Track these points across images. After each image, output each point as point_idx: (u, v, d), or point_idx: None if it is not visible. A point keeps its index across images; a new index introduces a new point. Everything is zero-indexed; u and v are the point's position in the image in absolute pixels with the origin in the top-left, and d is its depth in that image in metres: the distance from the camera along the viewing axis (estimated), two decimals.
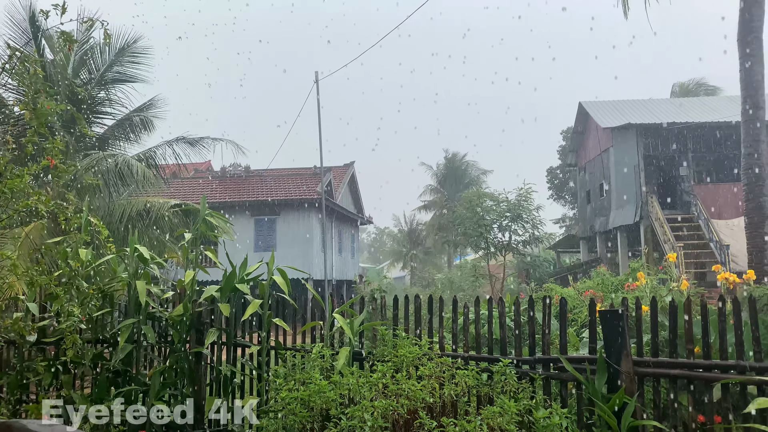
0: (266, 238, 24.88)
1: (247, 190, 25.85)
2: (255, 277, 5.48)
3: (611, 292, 10.62)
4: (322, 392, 4.03)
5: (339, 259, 29.49)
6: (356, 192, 34.89)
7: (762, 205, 12.81)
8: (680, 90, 37.62)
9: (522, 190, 26.51)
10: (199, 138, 17.92)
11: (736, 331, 4.09)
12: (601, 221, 27.62)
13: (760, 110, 13.33)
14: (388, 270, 56.86)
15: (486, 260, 28.42)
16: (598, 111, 27.98)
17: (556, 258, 36.59)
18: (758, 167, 13.05)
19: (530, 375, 4.56)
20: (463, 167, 51.01)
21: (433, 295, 5.50)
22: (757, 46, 13.68)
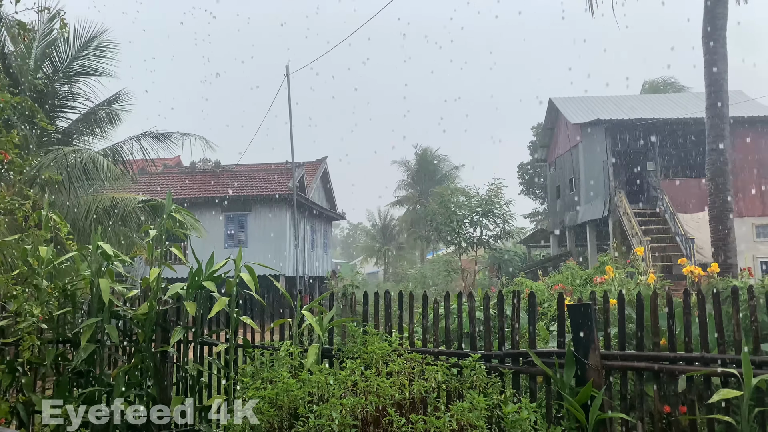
0: (237, 234, 24.59)
1: (217, 185, 25.50)
2: (221, 274, 5.37)
3: (580, 286, 10.74)
4: (290, 390, 3.97)
5: (312, 254, 29.33)
6: (329, 188, 34.73)
7: (725, 199, 13.09)
8: (650, 87, 38.32)
9: (492, 185, 26.74)
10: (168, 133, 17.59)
11: (700, 323, 4.15)
12: (571, 216, 27.99)
13: (724, 106, 13.61)
14: (361, 265, 56.81)
15: (458, 255, 28.59)
16: (568, 107, 28.32)
17: (527, 252, 37.00)
18: (722, 162, 13.33)
19: (500, 369, 4.57)
20: (436, 162, 51.20)
21: (406, 290, 5.50)
22: (721, 44, 13.96)
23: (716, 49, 13.80)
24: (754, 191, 23.49)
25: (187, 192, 24.88)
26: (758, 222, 23.32)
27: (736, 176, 22.37)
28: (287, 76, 21.21)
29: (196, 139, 17.75)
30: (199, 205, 24.07)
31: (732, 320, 4.12)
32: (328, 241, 34.17)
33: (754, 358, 3.91)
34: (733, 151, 20.84)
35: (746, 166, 23.45)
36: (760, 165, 23.62)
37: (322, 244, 32.05)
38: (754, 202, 23.44)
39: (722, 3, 13.94)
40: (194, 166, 27.43)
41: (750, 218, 23.17)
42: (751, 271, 10.75)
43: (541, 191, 43.48)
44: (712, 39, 13.90)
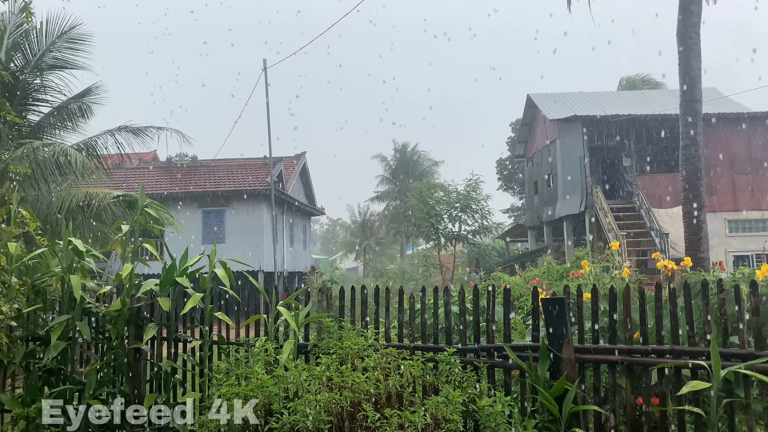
0: (215, 230, 24.36)
1: (194, 180, 25.22)
2: (196, 270, 5.31)
3: (556, 280, 10.85)
4: (264, 387, 3.94)
5: (291, 250, 29.18)
6: (308, 183, 34.57)
7: (699, 194, 13.32)
8: (627, 84, 38.78)
9: (471, 181, 26.86)
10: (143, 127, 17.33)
11: (671, 317, 4.21)
12: (548, 211, 28.25)
13: (697, 103, 13.84)
14: (341, 261, 56.74)
15: (437, 250, 28.69)
16: (546, 103, 28.54)
17: (505, 247, 37.27)
18: (695, 158, 13.56)
19: (475, 363, 4.59)
20: (415, 158, 51.30)
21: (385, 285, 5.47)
22: (695, 41, 14.18)
23: (690, 47, 14.02)
24: (727, 187, 23.94)
25: (164, 187, 24.57)
26: (730, 217, 23.78)
27: (710, 172, 22.76)
28: (264, 70, 21.06)
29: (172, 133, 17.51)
30: (176, 201, 23.79)
31: (702, 313, 4.18)
32: (307, 236, 34.04)
33: (722, 350, 3.97)
34: (707, 148, 21.21)
35: (719, 162, 23.88)
36: (733, 161, 24.08)
37: (301, 240, 31.92)
38: (726, 198, 23.89)
39: (696, 2, 14.15)
40: (171, 161, 27.09)
41: (722, 213, 23.61)
42: (723, 265, 10.96)
43: (519, 187, 43.82)
44: (687, 37, 14.12)
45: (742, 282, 5.11)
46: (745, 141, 24.14)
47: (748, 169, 24.03)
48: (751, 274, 8.60)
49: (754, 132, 24.19)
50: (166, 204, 18.43)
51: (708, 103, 22.31)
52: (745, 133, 24.19)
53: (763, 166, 24.01)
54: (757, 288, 4.06)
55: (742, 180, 24.00)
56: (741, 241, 23.51)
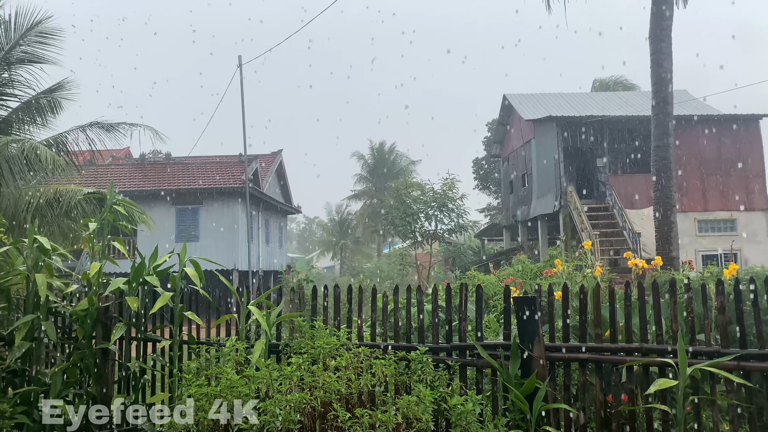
0: (189, 228, 24.06)
1: (168, 178, 24.87)
2: (166, 269, 5.23)
3: (530, 279, 10.95)
4: (234, 387, 3.89)
5: (266, 249, 28.97)
6: (284, 181, 34.35)
7: (669, 194, 13.54)
8: (600, 85, 39.26)
9: (447, 180, 26.99)
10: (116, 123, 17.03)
11: (640, 315, 4.26)
12: (523, 210, 28.50)
13: (669, 105, 14.07)
14: (317, 260, 56.58)
15: (414, 249, 28.77)
16: (522, 103, 28.79)
17: (480, 246, 37.51)
18: (666, 159, 13.78)
19: (447, 362, 4.59)
20: (392, 157, 51.37)
21: (361, 284, 5.47)
22: (667, 44, 14.40)
23: (662, 50, 14.24)
24: (697, 188, 24.42)
25: (137, 184, 24.20)
26: (700, 217, 24.26)
27: (680, 173, 23.20)
28: (240, 66, 20.86)
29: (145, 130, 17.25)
30: (149, 198, 23.44)
31: (670, 312, 4.24)
32: (283, 235, 33.84)
33: (689, 348, 4.03)
34: (678, 149, 21.60)
35: (690, 163, 24.35)
36: (703, 162, 24.56)
37: (277, 238, 31.71)
38: (696, 198, 24.36)
39: (668, 5, 14.39)
40: (144, 158, 26.68)
41: (693, 213, 24.08)
42: (692, 264, 11.16)
43: (495, 186, 44.11)
44: (659, 40, 14.34)
45: (710, 281, 5.20)
46: (715, 143, 24.64)
47: (717, 171, 24.54)
48: (719, 273, 8.79)
49: (723, 134, 24.71)
50: (139, 202, 18.13)
51: (679, 105, 22.73)
52: (715, 135, 24.69)
53: (732, 168, 24.55)
54: (723, 287, 4.13)
55: (711, 181, 24.51)
56: (710, 241, 24.01)
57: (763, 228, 24.44)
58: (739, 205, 24.36)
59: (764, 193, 24.91)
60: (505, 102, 30.49)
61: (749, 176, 24.61)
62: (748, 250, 23.56)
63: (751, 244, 23.82)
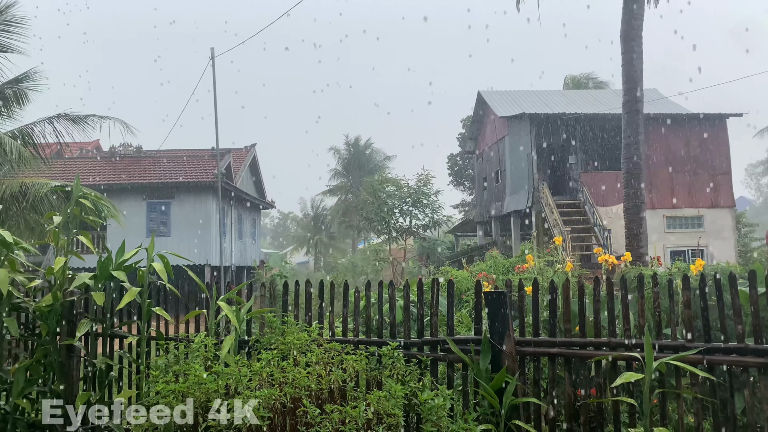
0: (160, 222, 23.69)
1: (139, 171, 24.43)
2: (133, 264, 5.12)
3: (502, 274, 11.03)
4: (202, 384, 3.83)
5: (239, 244, 28.69)
6: (258, 175, 34.04)
7: (639, 191, 13.76)
8: (572, 82, 39.70)
9: (422, 176, 27.06)
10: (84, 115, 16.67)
11: (608, 310, 4.31)
12: (497, 206, 28.73)
13: (639, 103, 14.28)
14: (291, 255, 56.29)
15: (388, 244, 28.80)
16: (496, 100, 28.96)
17: (455, 241, 37.72)
18: (636, 156, 14.00)
19: (418, 357, 4.59)
20: (368, 152, 51.31)
21: (335, 279, 5.45)
22: (638, 43, 14.61)
23: (633, 49, 14.44)
24: (666, 185, 24.88)
25: (107, 178, 23.73)
26: (669, 214, 24.73)
27: (650, 170, 23.61)
28: (212, 58, 20.59)
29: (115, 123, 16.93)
30: (120, 192, 23.02)
31: (637, 306, 4.30)
32: (256, 230, 33.55)
33: (655, 342, 4.10)
34: (648, 147, 21.98)
35: (659, 161, 24.79)
36: (672, 160, 25.03)
37: (250, 234, 31.43)
38: (665, 195, 24.83)
39: (639, 4, 14.59)
40: (114, 151, 26.17)
41: (662, 210, 24.54)
42: (660, 260, 11.38)
43: (469, 182, 44.36)
44: (630, 39, 14.53)
45: (677, 277, 5.29)
46: (684, 141, 25.13)
47: (685, 168, 25.03)
48: (686, 269, 8.97)
49: (692, 132, 25.21)
50: (108, 195, 17.79)
51: (650, 104, 23.11)
52: (684, 133, 25.18)
53: (700, 166, 25.07)
54: (688, 282, 4.21)
55: (680, 178, 24.99)
56: (678, 237, 24.50)
57: (728, 225, 25.03)
58: (706, 203, 24.91)
59: (730, 191, 25.52)
60: (479, 99, 30.65)
61: (716, 174, 25.17)
62: (715, 246, 24.11)
63: (718, 241, 24.38)
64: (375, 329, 4.99)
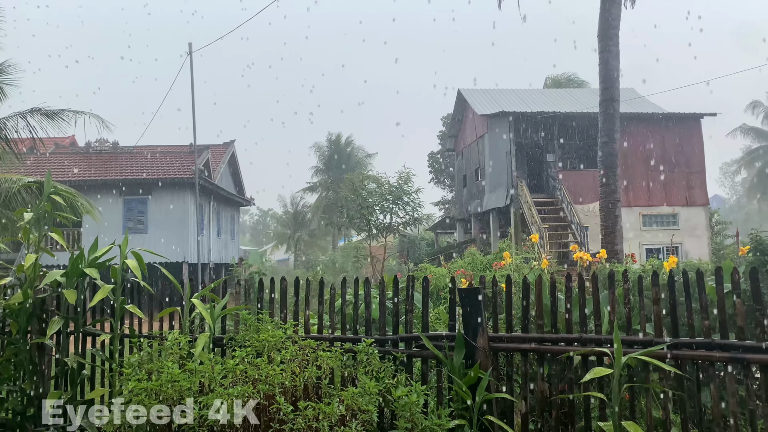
0: (137, 219, 23.40)
1: (115, 167, 24.10)
2: (106, 261, 5.06)
3: (480, 271, 11.11)
4: (175, 381, 3.81)
5: (218, 241, 28.48)
6: (237, 172, 33.79)
7: (615, 189, 13.94)
8: (552, 82, 40.02)
9: (403, 173, 27.10)
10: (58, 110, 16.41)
11: (580, 306, 4.38)
12: (476, 204, 28.89)
13: (615, 102, 14.45)
14: (271, 252, 56.00)
15: (368, 242, 28.80)
16: (476, 98, 29.10)
17: (434, 239, 37.86)
18: (612, 155, 14.17)
19: (393, 354, 4.61)
20: (349, 150, 51.24)
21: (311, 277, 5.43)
22: (614, 43, 14.78)
23: (610, 48, 14.61)
24: (642, 183, 25.25)
25: (82, 174, 23.37)
26: (645, 212, 25.11)
27: (627, 169, 23.94)
28: (190, 53, 20.36)
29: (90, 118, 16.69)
30: (95, 188, 22.69)
31: (608, 302, 4.37)
32: (235, 227, 33.33)
33: (625, 337, 4.17)
34: (624, 145, 22.28)
35: (636, 160, 25.14)
36: (648, 158, 25.40)
37: (229, 231, 31.21)
38: (641, 193, 25.20)
39: (616, 5, 14.76)
40: (90, 147, 25.77)
41: (638, 208, 24.91)
42: (635, 257, 11.55)
43: (449, 180, 44.54)
44: (607, 38, 14.70)
45: (648, 273, 5.38)
46: (660, 140, 25.52)
47: (661, 167, 25.43)
48: (660, 265, 9.13)
49: (668, 131, 25.61)
50: (84, 192, 17.53)
51: (626, 103, 23.41)
52: (660, 132, 25.57)
53: (675, 164, 25.48)
54: (658, 279, 4.28)
55: (656, 177, 25.38)
56: (654, 235, 24.90)
57: (702, 222, 25.49)
58: (681, 201, 25.35)
59: (704, 189, 25.99)
60: (459, 97, 30.77)
61: (691, 173, 25.61)
62: (689, 243, 24.55)
63: (692, 238, 24.83)
64: (351, 326, 5.01)
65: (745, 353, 3.88)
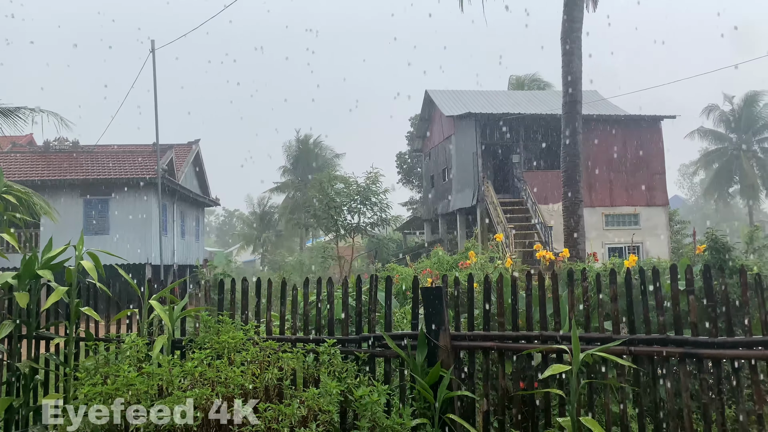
0: (98, 220, 22.85)
1: (75, 167, 23.48)
2: (61, 262, 4.92)
3: (446, 271, 11.17)
4: (131, 385, 3.72)
5: (182, 243, 28.01)
6: (202, 172, 33.29)
7: (577, 190, 14.18)
8: (516, 82, 40.53)
9: (371, 174, 27.10)
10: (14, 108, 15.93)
11: (540, 304, 4.43)
12: (443, 204, 29.07)
13: (578, 104, 14.70)
14: (237, 254, 55.31)
15: (336, 242, 28.70)
16: (443, 100, 29.29)
17: (403, 239, 37.95)
18: (575, 156, 14.41)
19: (355, 354, 4.60)
20: (316, 150, 51.00)
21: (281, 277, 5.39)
22: (577, 45, 15.03)
23: (573, 51, 14.85)
24: (605, 184, 25.76)
25: (40, 173, 22.71)
26: (607, 212, 25.63)
27: (590, 170, 24.39)
28: (152, 51, 19.98)
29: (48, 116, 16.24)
30: (54, 188, 22.08)
31: (567, 300, 4.43)
32: (200, 228, 32.84)
33: (584, 334, 4.24)
34: (587, 147, 22.68)
35: (599, 161, 25.62)
36: (611, 159, 25.92)
37: (193, 232, 30.73)
38: (604, 194, 25.71)
39: (578, 8, 15.02)
40: (48, 146, 25.06)
41: (600, 208, 25.40)
42: (596, 256, 11.75)
43: (418, 180, 44.69)
44: (570, 41, 14.94)
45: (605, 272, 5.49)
46: (622, 141, 26.06)
47: (623, 168, 25.98)
48: (620, 264, 9.32)
49: (629, 133, 26.18)
50: (42, 192, 17.03)
51: (589, 105, 23.86)
52: (622, 134, 26.13)
53: (636, 165, 26.07)
54: (616, 277, 4.36)
55: (618, 177, 25.93)
56: (616, 234, 25.41)
57: (663, 222, 26.14)
58: (642, 201, 25.94)
59: (664, 190, 26.67)
60: (427, 98, 30.92)
61: (651, 174, 26.23)
62: (650, 242, 25.15)
63: (652, 237, 25.43)
64: (314, 327, 4.97)
65: (698, 348, 3.98)
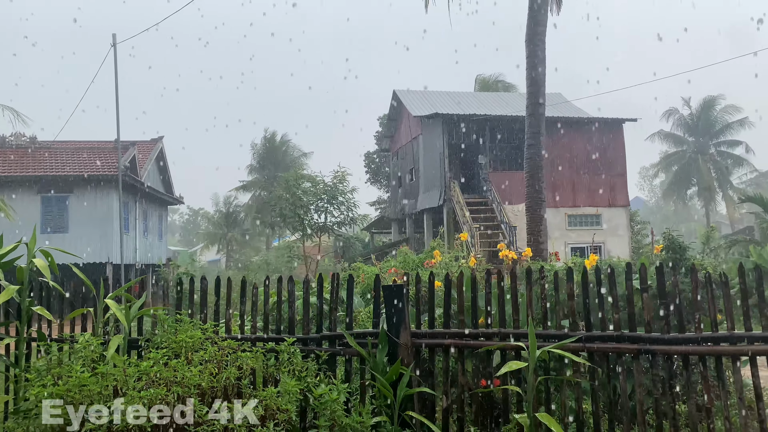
0: (56, 218, 22.24)
1: (33, 163, 22.82)
2: (11, 260, 4.77)
3: (412, 270, 11.21)
4: (84, 385, 3.63)
5: (144, 241, 27.48)
6: (165, 170, 32.68)
7: (539, 190, 14.39)
8: (482, 82, 40.87)
9: (338, 173, 27.04)
10: None
11: (499, 302, 4.49)
12: (411, 204, 29.18)
13: (542, 106, 14.92)
14: (202, 253, 54.53)
15: (303, 242, 28.56)
16: (411, 100, 29.40)
17: (370, 239, 37.97)
18: (537, 157, 14.62)
19: (316, 353, 4.58)
20: (284, 148, 50.61)
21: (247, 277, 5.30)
22: (541, 48, 15.26)
23: (536, 53, 15.07)
24: (568, 185, 26.23)
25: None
26: (570, 212, 26.11)
27: (554, 171, 24.80)
28: (114, 45, 19.54)
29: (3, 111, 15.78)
30: (11, 185, 21.42)
31: (525, 298, 4.50)
32: (163, 227, 32.26)
33: (541, 331, 4.30)
34: (551, 148, 23.06)
35: (562, 162, 26.08)
36: (573, 161, 26.41)
37: (156, 230, 30.17)
38: (567, 195, 26.17)
39: (542, 11, 15.25)
40: (4, 141, 24.29)
41: (564, 209, 25.85)
42: (558, 255, 11.95)
43: (385, 180, 44.73)
44: (534, 44, 15.16)
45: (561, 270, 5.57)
46: (584, 143, 26.58)
47: (586, 169, 26.49)
48: (581, 263, 9.50)
49: (592, 135, 26.70)
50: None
51: (553, 107, 24.25)
52: (584, 136, 26.64)
53: (599, 167, 26.61)
54: (572, 275, 4.44)
55: (580, 179, 26.43)
56: (578, 234, 25.90)
57: (623, 223, 26.76)
58: (604, 202, 26.50)
59: (626, 191, 27.30)
60: (395, 98, 30.99)
61: (613, 175, 26.82)
62: (611, 242, 25.71)
63: (614, 237, 26.01)
64: (274, 326, 4.93)
65: (651, 344, 4.08)
